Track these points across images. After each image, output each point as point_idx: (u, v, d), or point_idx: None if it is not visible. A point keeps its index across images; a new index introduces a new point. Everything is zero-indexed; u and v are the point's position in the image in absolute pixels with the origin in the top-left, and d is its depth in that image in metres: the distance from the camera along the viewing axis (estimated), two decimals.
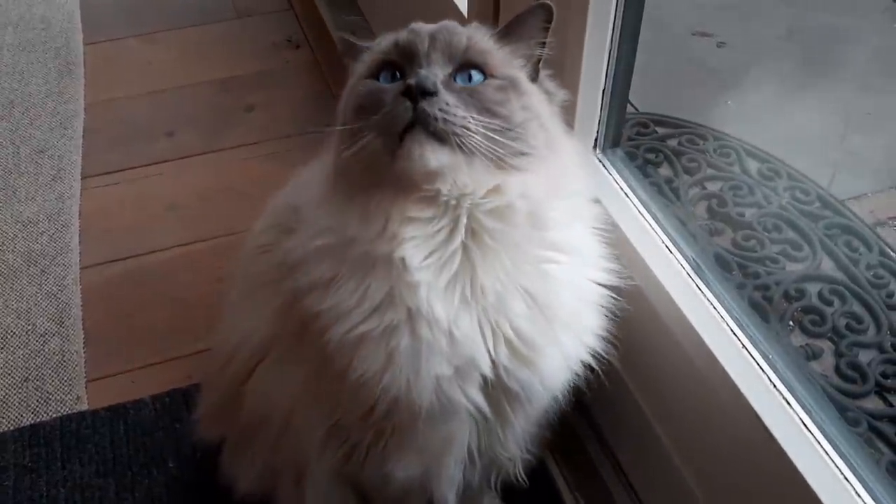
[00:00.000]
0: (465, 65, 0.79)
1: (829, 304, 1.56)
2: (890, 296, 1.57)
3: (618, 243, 1.03)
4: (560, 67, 1.06)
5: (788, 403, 0.85)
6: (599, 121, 1.09)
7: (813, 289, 1.59)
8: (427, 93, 0.74)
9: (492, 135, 0.75)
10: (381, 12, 2.09)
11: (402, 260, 0.78)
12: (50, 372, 1.48)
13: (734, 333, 0.92)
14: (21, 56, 2.20)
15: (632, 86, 1.19)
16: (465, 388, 0.82)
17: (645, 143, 1.92)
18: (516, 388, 0.84)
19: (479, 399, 0.83)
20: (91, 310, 1.58)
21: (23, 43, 2.24)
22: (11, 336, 1.53)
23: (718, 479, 0.98)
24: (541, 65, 0.86)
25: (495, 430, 0.89)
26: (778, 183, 1.81)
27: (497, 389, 0.84)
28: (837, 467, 0.80)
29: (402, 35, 0.82)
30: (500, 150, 0.76)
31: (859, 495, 0.78)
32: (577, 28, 1.01)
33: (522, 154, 0.78)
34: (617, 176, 1.09)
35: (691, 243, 1.02)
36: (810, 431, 0.83)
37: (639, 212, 1.04)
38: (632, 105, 2.02)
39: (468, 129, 0.74)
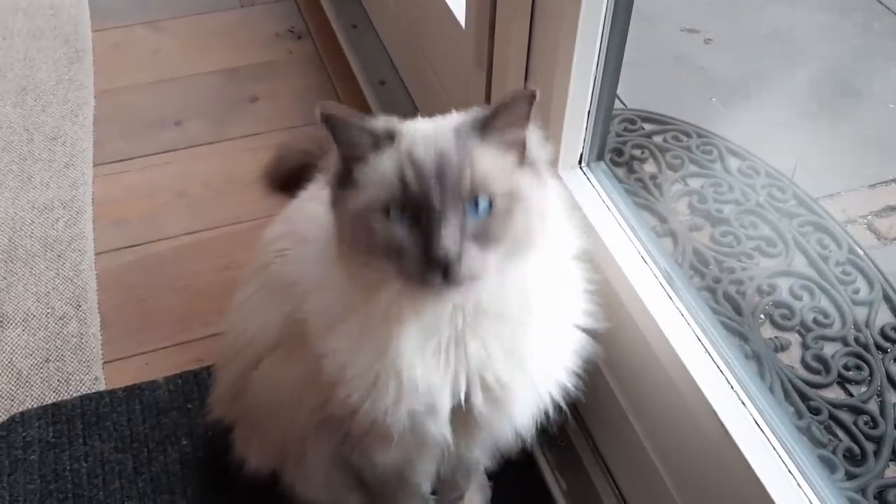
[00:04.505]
0: (473, 195, 0.83)
1: (799, 298, 1.67)
2: (856, 292, 1.68)
3: (597, 250, 1.14)
4: (549, 94, 1.16)
5: (743, 403, 0.96)
6: (584, 138, 1.18)
7: (784, 284, 1.69)
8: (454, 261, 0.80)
9: (501, 256, 0.82)
10: (382, 8, 2.15)
11: (399, 336, 0.87)
12: (69, 353, 1.58)
13: (698, 337, 1.02)
14: (31, 42, 2.27)
15: (620, 82, 1.27)
16: (435, 423, 0.93)
17: (632, 139, 2.01)
18: (486, 423, 0.94)
19: (447, 430, 0.94)
20: (106, 294, 1.68)
21: (32, 29, 2.31)
22: (32, 318, 1.63)
23: (683, 466, 1.09)
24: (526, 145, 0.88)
25: (463, 447, 1.00)
26: (756, 181, 1.91)
27: (467, 422, 0.94)
28: (783, 461, 0.91)
29: (408, 172, 0.83)
30: (506, 261, 0.83)
31: (800, 486, 0.90)
32: (565, 60, 1.10)
33: (524, 253, 0.85)
34: (600, 188, 1.18)
35: (665, 254, 1.12)
36: (759, 426, 0.94)
37: (618, 223, 1.14)
38: (620, 101, 2.11)
39: (486, 269, 0.81)
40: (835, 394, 1.52)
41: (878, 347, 1.58)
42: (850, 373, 1.54)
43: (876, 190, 1.91)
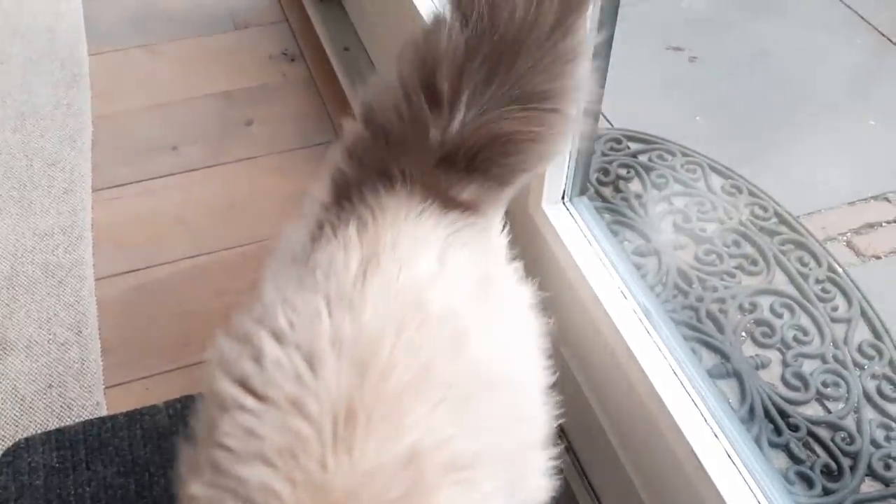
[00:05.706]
0: None
1: (780, 316, 1.72)
2: (835, 309, 1.73)
3: (579, 286, 1.19)
4: None
5: (716, 436, 1.01)
6: (567, 175, 1.23)
7: (765, 302, 1.75)
8: None
9: None
10: (374, 31, 2.20)
11: None
12: (71, 379, 1.63)
13: (674, 371, 1.07)
14: (29, 67, 2.31)
15: (606, 101, 1.31)
16: None
17: (618, 158, 2.06)
18: None
19: None
20: (106, 320, 1.73)
21: (30, 54, 2.35)
22: (35, 345, 1.68)
23: (665, 495, 1.15)
24: None
25: None
26: (739, 199, 1.96)
27: None
28: (754, 494, 0.97)
29: None
30: None
31: None
32: None
33: None
34: (582, 223, 1.23)
35: (645, 289, 1.17)
36: (731, 458, 0.99)
37: (599, 259, 1.19)
38: (606, 120, 2.16)
39: None
40: (813, 410, 1.57)
41: (856, 364, 1.63)
42: (828, 389, 1.59)
43: (855, 207, 1.96)
